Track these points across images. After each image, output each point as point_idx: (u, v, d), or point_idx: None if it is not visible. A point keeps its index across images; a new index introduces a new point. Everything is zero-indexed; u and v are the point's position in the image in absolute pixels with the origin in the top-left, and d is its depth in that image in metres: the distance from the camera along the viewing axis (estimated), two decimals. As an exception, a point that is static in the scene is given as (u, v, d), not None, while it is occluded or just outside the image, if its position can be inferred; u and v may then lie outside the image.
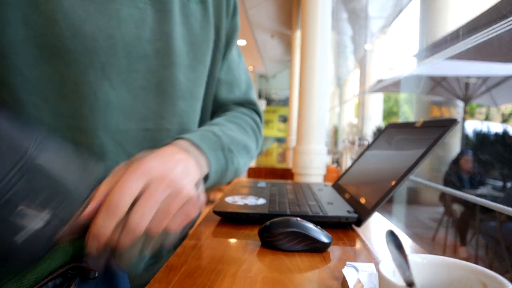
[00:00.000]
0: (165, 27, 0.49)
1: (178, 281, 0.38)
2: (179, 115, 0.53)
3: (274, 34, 5.63)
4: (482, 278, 0.27)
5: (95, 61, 0.44)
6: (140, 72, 0.48)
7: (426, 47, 2.72)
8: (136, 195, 0.34)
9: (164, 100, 0.50)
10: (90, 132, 0.45)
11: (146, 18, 0.48)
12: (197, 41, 0.54)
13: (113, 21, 0.45)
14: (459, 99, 3.48)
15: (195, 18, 0.54)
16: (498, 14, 0.94)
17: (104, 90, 0.45)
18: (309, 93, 1.42)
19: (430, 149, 0.54)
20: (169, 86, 0.51)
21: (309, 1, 1.46)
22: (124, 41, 0.46)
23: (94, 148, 0.46)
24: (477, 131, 3.43)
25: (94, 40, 0.44)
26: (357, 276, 0.38)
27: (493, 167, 2.98)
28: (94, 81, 0.44)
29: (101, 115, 0.45)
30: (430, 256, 0.30)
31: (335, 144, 5.82)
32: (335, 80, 5.78)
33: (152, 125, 0.50)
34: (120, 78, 0.46)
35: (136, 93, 0.48)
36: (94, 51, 0.44)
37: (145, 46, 0.48)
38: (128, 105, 0.47)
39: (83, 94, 0.44)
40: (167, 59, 0.50)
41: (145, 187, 0.35)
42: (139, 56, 0.47)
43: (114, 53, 0.45)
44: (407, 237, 0.58)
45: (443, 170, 3.13)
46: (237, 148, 0.55)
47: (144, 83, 0.48)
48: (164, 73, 0.50)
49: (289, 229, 0.48)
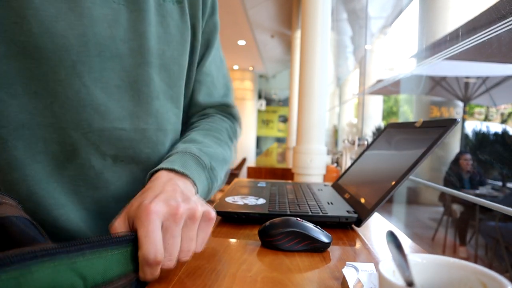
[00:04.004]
0: (139, 26, 0.49)
1: (178, 281, 0.38)
2: (154, 115, 0.52)
3: (274, 34, 5.63)
4: (481, 277, 0.27)
5: (65, 59, 0.44)
6: (114, 71, 0.47)
7: (425, 47, 2.72)
8: (161, 239, 0.36)
9: (139, 99, 0.50)
10: (61, 130, 0.45)
11: (120, 18, 0.48)
12: (174, 41, 0.54)
13: (85, 19, 0.45)
14: (458, 99, 3.48)
15: (171, 18, 0.54)
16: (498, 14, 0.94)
17: (75, 89, 0.45)
18: (309, 93, 1.42)
19: (430, 149, 0.54)
20: (144, 86, 0.50)
21: (309, 1, 1.46)
22: (96, 39, 0.45)
23: (66, 147, 0.46)
24: (476, 131, 3.43)
25: (65, 38, 0.43)
26: (357, 276, 0.38)
27: (492, 167, 2.99)
28: (65, 79, 0.44)
29: (73, 113, 0.45)
30: (430, 256, 0.30)
31: (335, 144, 5.83)
32: (335, 80, 5.78)
33: (128, 125, 0.49)
34: (92, 76, 0.46)
35: (110, 92, 0.47)
36: (64, 49, 0.43)
37: (119, 45, 0.47)
38: (102, 103, 0.47)
39: (53, 91, 0.44)
40: (142, 58, 0.50)
41: (163, 227, 0.36)
42: (112, 55, 0.47)
43: (85, 51, 0.45)
44: (407, 237, 0.58)
45: (443, 170, 3.14)
46: (217, 164, 0.55)
47: (118, 82, 0.48)
48: (139, 72, 0.49)
49: (289, 229, 0.48)
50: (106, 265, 0.32)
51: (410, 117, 4.80)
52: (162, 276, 0.39)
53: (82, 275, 0.30)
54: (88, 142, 0.46)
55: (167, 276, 0.39)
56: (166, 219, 0.37)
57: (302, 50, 1.47)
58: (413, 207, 3.75)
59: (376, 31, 4.84)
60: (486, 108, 4.10)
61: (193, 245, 0.39)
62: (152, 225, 0.35)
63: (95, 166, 0.48)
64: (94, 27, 0.45)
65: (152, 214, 0.36)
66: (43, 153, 0.45)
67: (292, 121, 4.67)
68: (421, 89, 3.38)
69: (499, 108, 4.04)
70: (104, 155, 0.48)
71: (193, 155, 0.50)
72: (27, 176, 0.44)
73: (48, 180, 0.45)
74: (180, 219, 0.37)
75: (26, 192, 0.44)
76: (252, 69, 8.19)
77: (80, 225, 0.47)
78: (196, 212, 0.39)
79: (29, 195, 0.44)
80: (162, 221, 0.36)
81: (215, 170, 0.54)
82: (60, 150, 0.46)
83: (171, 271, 0.40)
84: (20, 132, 0.43)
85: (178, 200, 0.39)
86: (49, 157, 0.45)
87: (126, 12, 0.48)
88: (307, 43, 1.44)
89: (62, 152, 0.46)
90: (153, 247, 0.34)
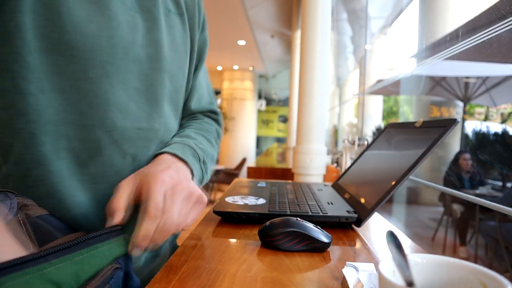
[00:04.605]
0: (154, 34, 0.53)
1: (178, 281, 0.38)
2: (164, 117, 0.56)
3: (274, 34, 5.62)
4: (481, 277, 0.27)
5: (95, 59, 0.46)
6: (134, 73, 0.50)
7: (425, 47, 2.72)
8: (163, 201, 0.42)
9: (153, 102, 0.53)
10: (85, 128, 0.46)
11: (138, 24, 0.51)
12: (179, 50, 0.58)
13: (113, 22, 0.47)
14: (458, 99, 3.48)
15: (176, 28, 0.58)
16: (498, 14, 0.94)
17: (103, 88, 0.47)
18: (309, 93, 1.42)
19: (430, 149, 0.54)
20: (158, 89, 0.54)
21: (309, 1, 1.46)
22: (122, 43, 0.48)
23: (90, 144, 0.47)
24: (476, 131, 3.43)
25: (96, 39, 0.45)
26: (357, 276, 0.38)
27: (492, 167, 2.98)
28: (94, 78, 0.46)
29: (99, 112, 0.47)
30: (430, 256, 0.30)
31: (335, 144, 5.82)
32: (335, 80, 5.78)
33: (144, 125, 0.52)
34: (118, 78, 0.48)
35: (130, 93, 0.50)
36: (95, 49, 0.45)
37: (139, 50, 0.51)
38: (124, 104, 0.49)
39: (81, 89, 0.45)
40: (157, 64, 0.53)
41: (165, 194, 0.43)
42: (134, 58, 0.50)
43: (113, 53, 0.47)
44: (407, 237, 0.58)
45: (443, 170, 3.13)
46: (208, 160, 0.60)
47: (137, 85, 0.51)
48: (154, 76, 0.53)
49: (289, 229, 0.48)
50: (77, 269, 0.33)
51: (410, 117, 4.80)
52: (162, 276, 0.39)
53: (55, 282, 0.30)
54: (112, 140, 0.48)
55: (167, 276, 0.39)
56: (170, 188, 0.44)
57: (302, 50, 1.47)
58: (413, 207, 3.75)
59: (376, 31, 4.84)
60: (486, 108, 4.10)
61: (185, 220, 0.45)
62: (158, 188, 0.42)
63: (115, 164, 0.49)
64: (119, 31, 0.48)
65: (160, 181, 0.43)
66: (66, 150, 0.46)
67: (292, 121, 4.67)
68: (421, 89, 3.38)
69: (499, 108, 4.04)
70: (124, 153, 0.50)
71: (190, 147, 0.55)
72: (51, 173, 0.45)
73: (71, 178, 0.46)
74: (181, 192, 0.44)
75: (49, 189, 0.45)
76: (252, 69, 8.19)
77: (96, 224, 0.48)
78: (194, 192, 0.46)
79: (52, 193, 0.45)
80: (165, 190, 0.43)
81: (206, 164, 0.59)
82: (83, 148, 0.47)
83: (171, 271, 0.40)
84: (47, 127, 0.44)
85: (181, 178, 0.46)
86: (72, 154, 0.46)
87: (141, 20, 0.51)
88: (307, 43, 1.44)
89: (84, 150, 0.47)
90: (154, 204, 0.41)
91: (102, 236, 0.37)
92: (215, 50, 6.62)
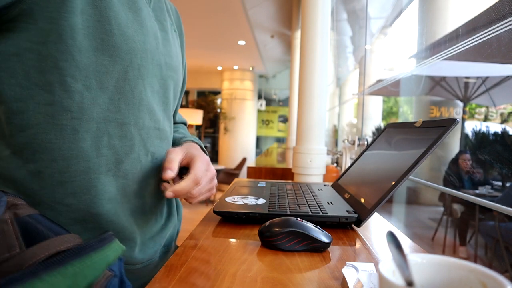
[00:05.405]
0: (167, 44, 0.58)
1: (178, 281, 0.38)
2: (171, 120, 0.61)
3: (274, 34, 5.62)
4: (481, 277, 0.27)
5: (134, 61, 0.49)
6: (156, 77, 0.54)
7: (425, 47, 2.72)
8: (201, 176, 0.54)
9: (166, 106, 0.58)
10: (124, 126, 0.49)
11: (157, 34, 0.55)
12: (179, 62, 0.63)
13: (144, 29, 0.51)
14: (458, 99, 3.48)
15: (177, 43, 0.64)
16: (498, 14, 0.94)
17: (139, 89, 0.51)
18: (309, 93, 1.42)
19: (430, 149, 0.54)
20: (169, 95, 0.59)
21: (309, 1, 1.46)
22: (150, 48, 0.52)
23: (126, 142, 0.50)
24: (476, 131, 3.43)
25: (135, 42, 0.49)
26: (357, 276, 0.38)
27: (492, 167, 2.99)
28: (132, 79, 0.49)
29: (134, 111, 0.50)
30: (430, 255, 0.30)
31: (335, 144, 5.82)
32: (335, 80, 5.77)
33: (161, 126, 0.56)
34: (147, 80, 0.52)
35: (154, 95, 0.54)
36: (134, 52, 0.49)
37: (160, 56, 0.55)
38: (150, 105, 0.53)
39: (121, 89, 0.48)
40: (170, 71, 0.57)
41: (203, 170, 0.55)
42: (157, 63, 0.54)
43: (145, 57, 0.51)
44: (407, 237, 0.58)
45: (443, 170, 3.14)
46: None
47: (158, 88, 0.55)
48: (167, 83, 0.57)
49: (289, 229, 0.48)
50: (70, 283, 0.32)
51: (410, 117, 4.81)
52: (162, 276, 0.39)
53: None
54: (140, 139, 0.52)
55: (167, 276, 0.39)
56: (205, 169, 0.56)
57: (302, 50, 1.47)
58: (413, 207, 3.75)
59: (376, 31, 4.85)
60: (486, 108, 4.11)
61: (202, 195, 0.57)
62: (200, 164, 0.55)
63: (141, 162, 0.52)
64: (148, 37, 0.52)
65: (201, 159, 0.56)
66: (107, 147, 0.48)
67: (292, 121, 4.66)
68: (421, 89, 3.38)
69: (499, 108, 4.04)
70: (147, 151, 0.53)
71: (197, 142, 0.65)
72: (90, 169, 0.46)
73: (107, 174, 0.48)
74: (210, 173, 0.57)
75: (86, 185, 0.46)
76: (252, 69, 8.19)
77: (123, 219, 0.50)
78: (215, 177, 0.59)
79: (88, 188, 0.46)
80: (204, 168, 0.55)
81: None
82: (121, 145, 0.49)
83: (171, 271, 0.40)
84: (90, 124, 0.46)
85: (209, 162, 0.59)
86: (112, 151, 0.48)
87: (159, 30, 0.56)
88: (307, 43, 1.44)
89: (122, 147, 0.49)
90: (197, 174, 0.53)
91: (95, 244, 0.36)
92: (215, 50, 6.62)
